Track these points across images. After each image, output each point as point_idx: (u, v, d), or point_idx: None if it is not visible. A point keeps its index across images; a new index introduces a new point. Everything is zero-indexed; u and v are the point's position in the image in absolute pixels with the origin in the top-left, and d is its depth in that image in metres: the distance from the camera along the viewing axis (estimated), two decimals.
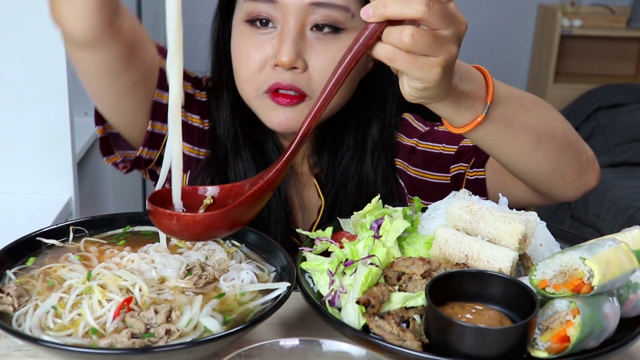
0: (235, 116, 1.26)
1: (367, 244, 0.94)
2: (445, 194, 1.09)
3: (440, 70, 0.85)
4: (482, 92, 0.97)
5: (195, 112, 1.30)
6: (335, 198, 1.27)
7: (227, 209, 0.87)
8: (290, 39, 1.11)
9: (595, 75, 4.67)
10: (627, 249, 0.83)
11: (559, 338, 0.78)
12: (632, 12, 4.48)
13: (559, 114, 1.12)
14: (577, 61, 4.70)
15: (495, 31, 4.48)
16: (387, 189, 1.28)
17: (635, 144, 3.81)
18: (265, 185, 0.90)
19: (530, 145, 1.05)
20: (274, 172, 0.90)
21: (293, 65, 1.12)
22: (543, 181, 1.12)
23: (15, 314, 0.85)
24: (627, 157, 3.75)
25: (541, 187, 1.14)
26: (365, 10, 0.84)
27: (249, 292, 0.91)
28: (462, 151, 1.26)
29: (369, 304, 0.84)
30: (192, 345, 0.79)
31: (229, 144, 1.26)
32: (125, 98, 1.18)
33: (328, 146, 1.29)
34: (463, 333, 0.77)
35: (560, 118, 1.12)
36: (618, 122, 3.99)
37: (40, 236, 1.00)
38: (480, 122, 0.97)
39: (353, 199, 1.26)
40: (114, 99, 1.18)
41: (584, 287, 0.80)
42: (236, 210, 0.88)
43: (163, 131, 1.23)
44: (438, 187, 1.29)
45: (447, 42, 0.85)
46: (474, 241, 0.89)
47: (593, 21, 4.44)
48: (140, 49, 1.14)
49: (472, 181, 1.25)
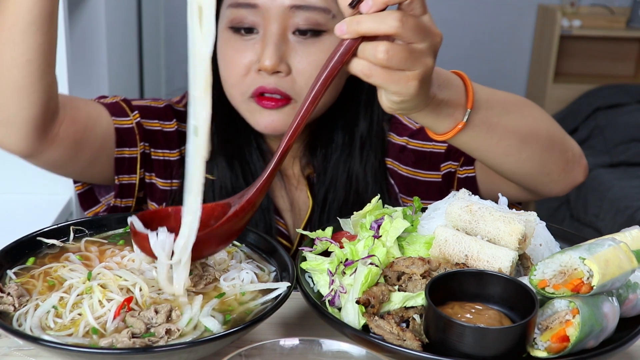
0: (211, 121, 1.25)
1: (367, 243, 0.94)
2: (438, 193, 1.09)
3: (416, 83, 0.86)
4: (461, 99, 0.97)
5: (164, 147, 1.29)
6: (325, 197, 1.28)
7: (211, 230, 0.88)
8: (272, 43, 1.12)
9: (595, 76, 4.67)
10: (626, 248, 0.83)
11: (559, 338, 0.79)
12: (632, 12, 4.48)
13: (542, 112, 1.12)
14: (577, 61, 4.70)
15: (494, 31, 4.48)
16: (377, 186, 1.28)
17: (635, 144, 3.81)
18: (246, 204, 0.90)
19: (513, 148, 1.04)
20: (254, 191, 0.91)
21: (276, 70, 1.13)
22: (529, 180, 1.13)
23: (15, 313, 0.85)
24: (626, 157, 3.75)
25: (528, 185, 1.15)
26: (339, 27, 0.84)
27: (249, 292, 0.91)
28: (451, 149, 1.26)
29: (369, 304, 0.84)
30: (193, 345, 0.79)
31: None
32: (86, 171, 1.23)
33: (319, 145, 1.29)
34: (463, 333, 0.77)
35: (545, 117, 1.12)
36: (617, 122, 3.99)
37: (41, 236, 1.00)
38: (461, 128, 0.97)
39: (342, 197, 1.27)
40: (76, 175, 1.25)
41: (584, 287, 0.80)
42: (220, 229, 0.89)
43: (132, 180, 1.26)
44: (430, 185, 1.29)
45: (423, 55, 0.86)
46: (473, 241, 0.90)
47: (592, 21, 4.44)
48: (87, 136, 1.16)
49: (463, 179, 1.26)
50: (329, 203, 1.27)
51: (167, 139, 1.30)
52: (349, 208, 1.14)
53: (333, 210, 1.25)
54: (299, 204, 1.31)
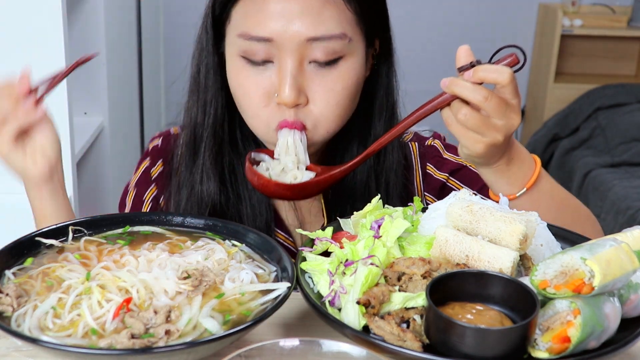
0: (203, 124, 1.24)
1: (367, 244, 0.94)
2: None
3: (483, 147, 1.03)
4: (525, 178, 1.11)
5: (151, 189, 1.32)
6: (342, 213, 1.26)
7: (283, 185, 1.11)
8: (290, 76, 1.10)
9: (596, 75, 4.66)
10: (627, 249, 0.83)
11: (560, 338, 0.78)
12: (633, 11, 4.48)
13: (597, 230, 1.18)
14: (578, 61, 4.70)
15: (495, 31, 4.48)
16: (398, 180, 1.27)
17: (636, 144, 3.81)
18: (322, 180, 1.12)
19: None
20: (342, 169, 1.13)
21: (296, 103, 1.12)
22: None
23: (14, 314, 0.85)
24: (627, 157, 3.75)
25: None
26: (444, 81, 1.03)
27: (249, 292, 0.91)
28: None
29: (369, 305, 0.84)
30: (192, 346, 0.78)
31: (187, 153, 1.25)
32: None
33: (338, 160, 1.28)
34: (463, 333, 0.77)
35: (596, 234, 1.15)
36: (618, 122, 3.99)
37: (40, 236, 1.00)
38: (511, 199, 1.10)
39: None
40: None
41: (585, 288, 0.79)
42: (292, 187, 1.11)
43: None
44: None
45: (495, 129, 1.02)
46: (474, 241, 0.89)
47: (594, 21, 4.44)
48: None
49: None
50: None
51: (157, 181, 1.33)
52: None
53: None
54: (310, 221, 1.30)
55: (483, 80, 1.01)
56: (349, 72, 1.14)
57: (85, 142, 2.33)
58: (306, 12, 1.08)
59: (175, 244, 1.02)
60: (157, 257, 0.95)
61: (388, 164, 1.27)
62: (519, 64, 1.04)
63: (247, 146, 1.26)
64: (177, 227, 1.07)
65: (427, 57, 4.46)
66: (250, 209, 1.25)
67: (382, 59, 1.24)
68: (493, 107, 1.00)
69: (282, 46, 1.09)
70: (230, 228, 1.05)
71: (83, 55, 1.15)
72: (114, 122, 2.63)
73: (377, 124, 1.26)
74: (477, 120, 1.01)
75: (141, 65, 3.24)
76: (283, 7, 1.08)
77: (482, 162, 1.09)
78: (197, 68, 1.24)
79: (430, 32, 4.55)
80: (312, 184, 1.13)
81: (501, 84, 1.01)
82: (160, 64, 3.71)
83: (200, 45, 1.23)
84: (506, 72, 1.01)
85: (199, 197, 1.23)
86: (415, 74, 3.61)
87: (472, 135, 1.03)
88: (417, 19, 4.57)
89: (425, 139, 1.36)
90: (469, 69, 1.02)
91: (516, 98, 1.02)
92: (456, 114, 1.02)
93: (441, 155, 1.34)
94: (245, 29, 1.11)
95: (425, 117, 1.07)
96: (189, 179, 1.25)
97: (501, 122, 1.02)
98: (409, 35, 4.56)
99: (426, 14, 4.59)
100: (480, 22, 4.45)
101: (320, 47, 1.10)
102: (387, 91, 1.26)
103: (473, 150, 1.04)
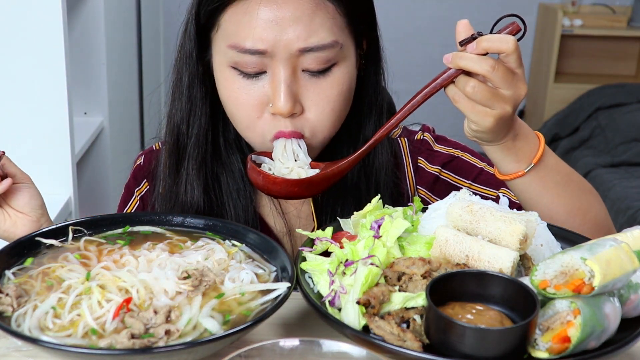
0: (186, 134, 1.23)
1: (367, 244, 0.94)
2: None
3: (492, 120, 1.00)
4: (531, 153, 1.09)
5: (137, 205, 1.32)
6: (333, 216, 1.23)
7: (290, 180, 1.09)
8: (285, 86, 1.08)
9: (596, 75, 4.67)
10: (627, 249, 0.83)
11: (560, 338, 0.78)
12: (633, 11, 4.49)
13: (600, 202, 1.17)
14: (578, 61, 4.70)
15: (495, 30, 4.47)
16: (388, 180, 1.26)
17: (636, 144, 3.81)
18: (330, 173, 1.11)
19: (560, 214, 1.12)
20: (349, 160, 1.11)
21: (292, 112, 1.10)
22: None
23: (14, 314, 0.85)
24: (627, 157, 3.75)
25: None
26: (447, 57, 1.01)
27: (249, 292, 0.91)
28: (479, 194, 1.24)
29: (369, 305, 0.84)
30: (192, 346, 0.78)
31: (170, 162, 1.24)
32: None
33: (327, 158, 1.25)
34: (463, 333, 0.77)
35: (600, 206, 1.17)
36: (618, 122, 3.99)
37: (40, 236, 1.00)
38: (520, 176, 1.10)
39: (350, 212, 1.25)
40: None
41: (585, 288, 0.79)
42: (299, 182, 1.10)
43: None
44: None
45: (503, 100, 1.00)
46: (474, 241, 0.89)
47: (594, 21, 4.44)
48: None
49: None
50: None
51: (142, 199, 1.32)
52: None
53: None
54: (300, 226, 1.29)
55: (487, 50, 0.99)
56: (343, 78, 1.13)
57: (85, 142, 2.33)
58: (298, 19, 1.06)
59: (175, 244, 1.02)
60: (157, 257, 0.95)
61: (378, 164, 1.26)
62: (520, 32, 1.03)
63: (231, 154, 1.25)
64: (177, 227, 1.07)
65: (427, 57, 4.47)
66: (235, 218, 1.23)
67: (369, 58, 1.23)
68: (500, 77, 0.98)
69: (275, 56, 1.08)
70: (230, 228, 1.05)
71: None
72: (114, 122, 2.63)
73: (367, 122, 1.26)
74: (485, 92, 0.99)
75: (141, 65, 3.24)
76: (275, 15, 1.06)
77: (490, 138, 1.06)
78: (180, 76, 1.22)
79: (430, 32, 4.56)
80: (321, 178, 1.11)
81: (506, 52, 0.99)
82: (160, 64, 3.71)
83: (183, 54, 1.20)
84: (510, 40, 0.99)
85: (183, 207, 1.22)
86: (415, 74, 3.62)
87: (480, 109, 1.00)
88: (417, 19, 4.58)
89: (415, 133, 1.35)
90: (471, 42, 1.00)
91: (521, 67, 1.01)
92: (463, 88, 1.00)
93: (432, 148, 1.32)
94: (238, 41, 1.09)
95: (431, 95, 1.04)
96: (173, 189, 1.23)
97: (509, 93, 1.00)
98: (409, 35, 4.57)
99: (426, 14, 4.59)
100: (481, 22, 4.44)
101: (313, 56, 1.09)
102: (376, 89, 1.25)
103: (482, 124, 1.01)
